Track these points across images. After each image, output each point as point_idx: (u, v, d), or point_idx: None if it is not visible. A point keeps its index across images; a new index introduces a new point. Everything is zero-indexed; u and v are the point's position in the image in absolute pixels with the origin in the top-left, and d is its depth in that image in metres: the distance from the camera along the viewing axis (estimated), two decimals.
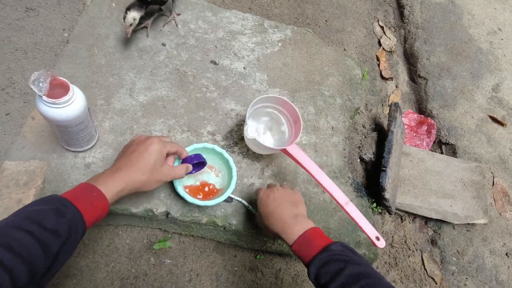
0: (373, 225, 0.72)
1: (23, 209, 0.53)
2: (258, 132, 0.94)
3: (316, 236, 0.66)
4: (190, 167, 0.76)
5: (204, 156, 0.85)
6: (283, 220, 0.70)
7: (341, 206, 0.72)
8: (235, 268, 0.93)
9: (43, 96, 0.58)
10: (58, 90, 0.61)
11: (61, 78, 0.60)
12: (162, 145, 0.69)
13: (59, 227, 0.51)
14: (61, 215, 0.52)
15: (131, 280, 0.85)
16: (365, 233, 0.67)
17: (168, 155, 0.72)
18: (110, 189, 0.60)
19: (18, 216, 0.51)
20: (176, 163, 0.77)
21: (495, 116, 1.35)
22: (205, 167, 0.83)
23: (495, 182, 1.24)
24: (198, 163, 0.79)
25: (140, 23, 0.95)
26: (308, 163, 0.79)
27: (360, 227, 0.68)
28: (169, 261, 0.89)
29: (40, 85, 0.56)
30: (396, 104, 1.17)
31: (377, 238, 0.66)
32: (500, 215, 1.19)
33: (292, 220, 0.70)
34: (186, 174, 0.80)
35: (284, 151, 0.83)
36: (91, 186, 0.58)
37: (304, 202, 0.78)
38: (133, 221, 0.88)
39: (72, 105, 0.62)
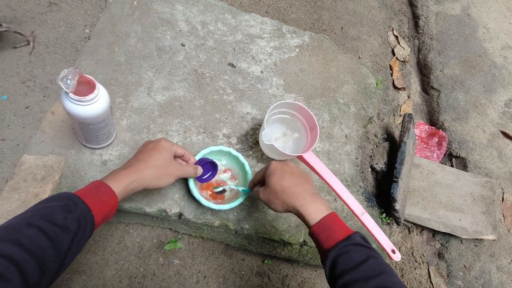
0: None
1: (34, 206, 0.53)
2: (273, 138, 0.94)
3: (338, 222, 0.62)
4: (201, 169, 0.77)
5: (220, 159, 0.86)
6: (303, 197, 0.65)
7: (357, 217, 0.72)
8: (243, 272, 0.93)
9: (70, 93, 0.58)
10: (83, 87, 0.62)
11: (88, 76, 0.61)
12: (170, 143, 0.71)
13: (68, 222, 0.52)
14: (70, 210, 0.53)
15: (139, 279, 0.85)
16: (381, 245, 0.67)
17: (175, 156, 0.73)
18: (119, 184, 0.60)
19: (29, 213, 0.51)
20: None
21: (507, 131, 1.35)
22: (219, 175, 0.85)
23: (504, 198, 1.24)
24: (209, 163, 0.80)
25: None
26: (324, 171, 0.79)
27: (376, 239, 0.68)
28: (177, 262, 0.89)
29: (68, 82, 0.56)
30: (409, 115, 1.17)
31: (393, 251, 0.65)
32: (509, 231, 1.19)
33: (312, 197, 0.65)
34: (200, 182, 0.80)
35: (300, 157, 0.83)
36: (100, 182, 0.60)
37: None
38: (144, 220, 0.89)
39: (97, 103, 0.63)
